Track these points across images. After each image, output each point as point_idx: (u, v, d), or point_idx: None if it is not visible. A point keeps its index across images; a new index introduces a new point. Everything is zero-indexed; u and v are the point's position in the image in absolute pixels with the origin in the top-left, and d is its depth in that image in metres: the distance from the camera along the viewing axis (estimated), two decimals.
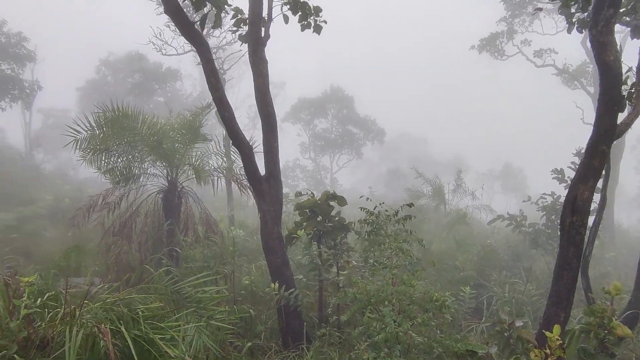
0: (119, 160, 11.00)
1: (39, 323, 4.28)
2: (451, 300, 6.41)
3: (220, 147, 12.77)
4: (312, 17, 8.43)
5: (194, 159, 11.90)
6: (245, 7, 8.15)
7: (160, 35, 21.77)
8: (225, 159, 13.13)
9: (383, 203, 7.47)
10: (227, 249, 11.04)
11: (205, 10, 7.56)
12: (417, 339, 5.60)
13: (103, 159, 10.71)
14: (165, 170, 11.73)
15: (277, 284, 7.95)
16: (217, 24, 7.49)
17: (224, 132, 12.12)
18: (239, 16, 8.01)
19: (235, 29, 8.04)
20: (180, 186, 11.82)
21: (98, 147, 10.36)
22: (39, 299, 4.53)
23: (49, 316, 4.46)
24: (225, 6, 7.53)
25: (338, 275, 8.77)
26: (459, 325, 9.28)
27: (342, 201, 9.05)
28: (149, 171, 11.83)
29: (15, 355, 3.89)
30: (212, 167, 12.55)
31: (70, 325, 4.16)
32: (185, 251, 10.09)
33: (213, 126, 32.54)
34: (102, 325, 4.14)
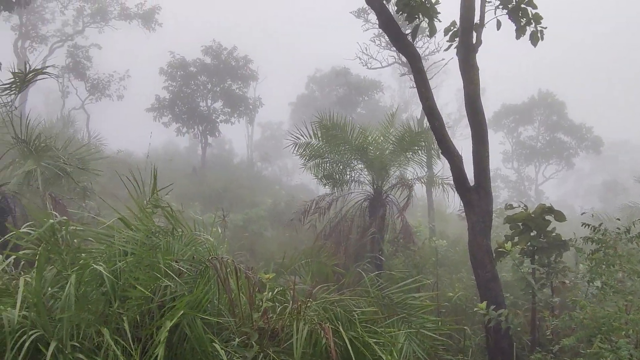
0: (332, 167, 11.77)
1: (272, 315, 4.77)
2: None
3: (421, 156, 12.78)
4: (530, 25, 7.92)
5: (398, 168, 12.12)
6: (451, 15, 8.05)
7: (366, 50, 22.78)
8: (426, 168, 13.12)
9: (618, 219, 6.62)
10: (428, 259, 10.98)
11: (417, 21, 7.66)
12: None
13: (318, 166, 11.61)
14: (371, 178, 12.17)
15: (485, 303, 7.59)
16: (432, 32, 7.53)
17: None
18: (452, 29, 7.91)
19: (449, 41, 7.96)
20: (385, 194, 12.13)
21: (314, 155, 11.24)
22: (270, 294, 5.04)
23: (279, 310, 4.94)
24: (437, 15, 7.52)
25: (552, 296, 8.05)
26: None
27: (560, 216, 8.27)
28: (356, 178, 12.41)
29: (252, 342, 4.40)
30: (414, 176, 12.64)
31: (297, 320, 4.56)
32: (388, 259, 10.30)
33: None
34: (325, 324, 4.43)
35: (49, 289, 4.45)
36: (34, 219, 9.36)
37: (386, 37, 22.30)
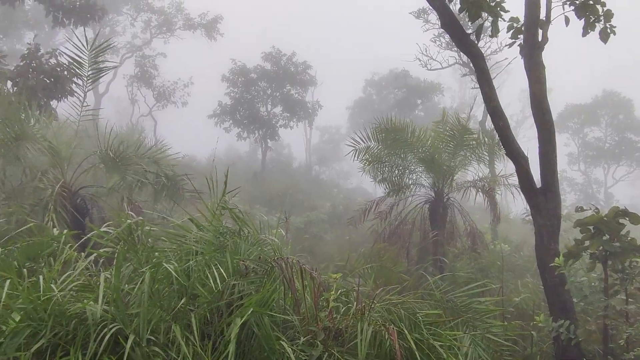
0: (391, 171, 11.73)
1: (336, 315, 4.83)
2: None
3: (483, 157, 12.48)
4: (600, 22, 7.60)
5: (457, 169, 11.91)
6: (513, 12, 7.83)
7: (426, 51, 22.51)
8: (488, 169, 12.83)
9: None
10: (493, 263, 10.71)
11: (480, 20, 7.52)
12: None
13: (377, 169, 11.60)
14: (431, 181, 12.02)
15: (542, 316, 7.32)
16: (495, 32, 7.37)
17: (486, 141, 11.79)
18: (515, 25, 7.71)
19: (512, 38, 7.77)
20: (446, 197, 11.95)
21: (374, 160, 11.25)
22: (335, 294, 5.11)
23: (343, 310, 4.99)
24: (502, 13, 7.36)
25: (627, 304, 7.64)
26: None
27: (635, 219, 7.83)
28: (416, 181, 12.30)
29: (318, 341, 4.48)
30: (475, 178, 12.39)
31: (361, 321, 4.59)
32: (451, 262, 10.14)
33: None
34: (390, 326, 4.44)
35: (126, 285, 4.72)
36: (110, 219, 9.96)
37: (446, 37, 22.02)
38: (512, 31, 7.77)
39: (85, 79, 9.15)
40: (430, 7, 21.15)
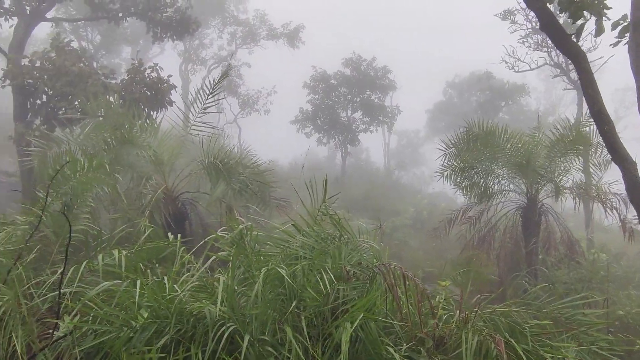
0: (480, 175, 11.43)
1: (438, 323, 4.82)
2: None
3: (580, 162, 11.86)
4: None
5: (555, 175, 11.39)
6: (617, 9, 7.40)
7: (513, 53, 21.75)
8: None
9: None
10: (594, 273, 10.16)
11: (582, 20, 7.20)
12: None
13: (464, 175, 11.33)
14: (524, 187, 11.59)
15: None
16: (599, 32, 7.03)
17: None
18: (622, 23, 7.30)
19: (618, 37, 7.37)
20: (540, 203, 11.47)
21: (463, 166, 11.01)
22: (440, 301, 5.10)
23: (445, 318, 4.98)
24: (605, 11, 7.00)
25: None
26: None
27: None
28: (507, 187, 11.90)
29: (423, 348, 4.50)
30: (573, 184, 11.78)
31: (465, 329, 4.56)
32: (549, 271, 9.73)
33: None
34: (497, 335, 4.37)
35: (235, 287, 4.99)
36: (209, 223, 10.49)
37: (534, 38, 21.17)
38: (619, 29, 7.36)
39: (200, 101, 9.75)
40: (517, 9, 20.63)
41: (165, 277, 4.53)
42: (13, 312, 4.40)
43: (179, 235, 6.03)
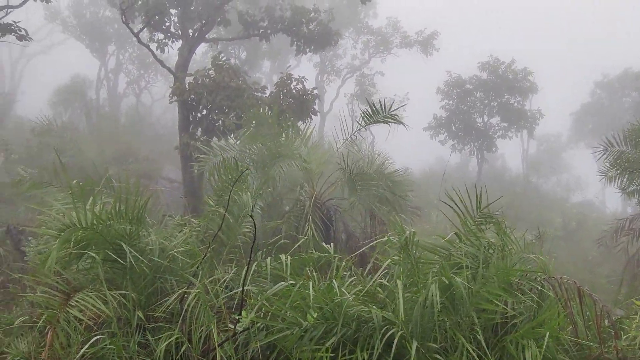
0: None
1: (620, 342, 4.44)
2: None
3: None
4: None
5: None
6: None
7: None
8: None
9: None
10: None
11: None
12: None
13: (632, 178, 10.35)
14: None
15: None
16: None
17: None
18: None
19: None
20: None
21: (625, 165, 10.08)
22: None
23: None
24: None
25: None
26: None
27: None
28: None
29: None
30: None
31: None
32: None
33: None
34: None
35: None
36: (352, 230, 10.73)
37: None
38: None
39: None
40: None
41: (335, 281, 4.72)
42: (202, 305, 4.88)
43: (328, 240, 6.27)
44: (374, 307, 4.65)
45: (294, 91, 13.21)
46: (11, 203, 12.71)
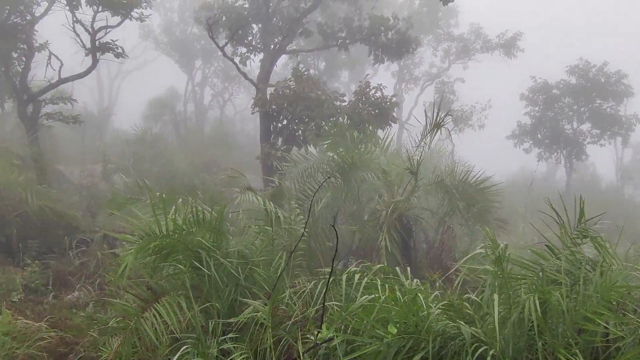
0: None
1: None
2: None
3: None
4: None
5: None
6: None
7: None
8: None
9: None
10: None
11: None
12: None
13: None
14: None
15: None
16: None
17: None
18: None
19: None
20: None
21: None
22: None
23: None
24: None
25: None
26: None
27: None
28: None
29: None
30: None
31: None
32: None
33: None
34: None
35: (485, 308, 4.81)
36: (430, 240, 10.47)
37: None
38: None
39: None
40: None
41: (420, 294, 4.58)
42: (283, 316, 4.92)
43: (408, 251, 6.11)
44: (461, 322, 4.46)
45: (372, 99, 13.16)
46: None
